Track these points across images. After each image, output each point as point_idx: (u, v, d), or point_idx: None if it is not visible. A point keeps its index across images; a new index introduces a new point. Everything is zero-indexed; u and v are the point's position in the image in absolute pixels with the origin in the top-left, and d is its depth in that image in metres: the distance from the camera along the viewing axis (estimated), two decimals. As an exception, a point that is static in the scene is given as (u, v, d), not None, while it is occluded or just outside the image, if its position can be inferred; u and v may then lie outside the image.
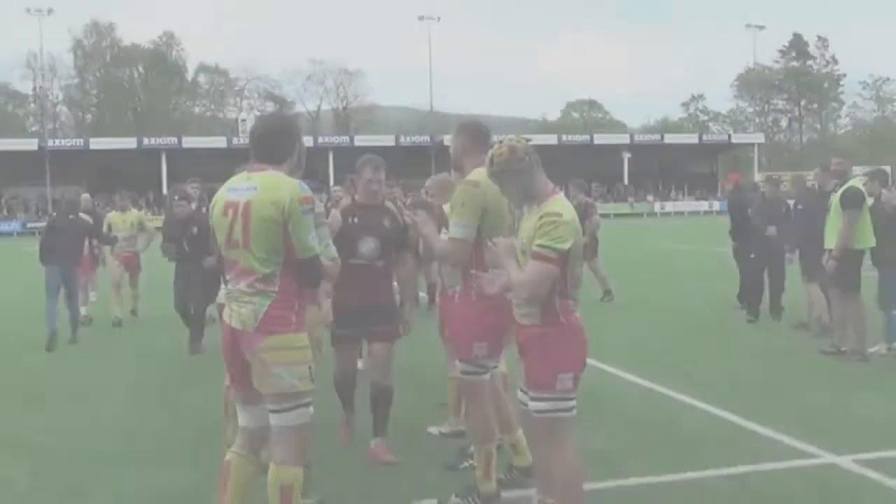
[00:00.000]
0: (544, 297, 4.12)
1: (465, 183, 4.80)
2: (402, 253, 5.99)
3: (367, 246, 5.71)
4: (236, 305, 4.03)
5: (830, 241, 9.29)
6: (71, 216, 11.79)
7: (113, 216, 13.84)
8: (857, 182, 9.51)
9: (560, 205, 4.17)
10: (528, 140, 4.40)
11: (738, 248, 12.98)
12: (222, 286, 4.18)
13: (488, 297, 4.48)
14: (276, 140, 4.22)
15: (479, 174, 4.66)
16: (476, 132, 5.12)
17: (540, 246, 4.03)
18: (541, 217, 4.11)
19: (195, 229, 9.93)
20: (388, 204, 6.06)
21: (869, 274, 9.51)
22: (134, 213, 14.06)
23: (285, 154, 4.19)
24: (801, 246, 11.02)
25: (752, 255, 12.16)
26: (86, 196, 16.05)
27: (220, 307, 4.75)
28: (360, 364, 8.01)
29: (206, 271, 9.32)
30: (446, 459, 5.84)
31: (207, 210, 4.65)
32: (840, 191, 9.34)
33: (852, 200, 9.12)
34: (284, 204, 3.92)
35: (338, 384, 6.15)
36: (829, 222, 9.44)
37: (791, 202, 11.99)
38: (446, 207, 5.57)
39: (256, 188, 4.00)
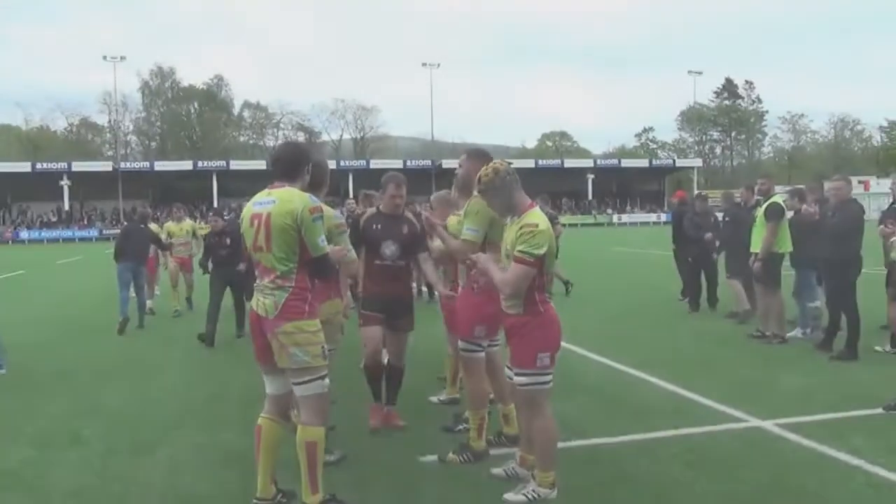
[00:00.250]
0: (525, 292, 4.15)
1: (479, 197, 4.78)
2: (421, 253, 5.77)
3: (389, 249, 5.60)
4: (261, 296, 4.08)
5: (756, 245, 9.31)
6: (141, 225, 12.00)
7: (170, 225, 13.75)
8: (778, 198, 9.55)
9: (536, 216, 4.20)
10: (509, 163, 4.45)
11: (678, 251, 13.06)
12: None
13: (484, 286, 4.51)
14: (288, 163, 4.24)
15: None
16: (482, 158, 5.10)
17: (520, 252, 4.08)
18: (520, 227, 4.14)
19: (228, 239, 10.01)
20: (408, 214, 5.87)
21: (787, 273, 9.51)
22: (188, 223, 13.94)
23: (297, 173, 4.22)
24: (727, 249, 11.10)
25: (690, 259, 12.21)
26: (143, 209, 16.16)
27: None
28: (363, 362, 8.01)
29: (240, 273, 9.74)
30: (444, 423, 5.84)
31: (239, 223, 4.69)
32: (765, 205, 9.37)
33: (775, 213, 9.16)
34: (297, 213, 3.99)
35: (368, 371, 5.86)
36: (755, 231, 9.47)
37: (720, 214, 12.06)
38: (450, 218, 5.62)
39: (275, 201, 4.06)
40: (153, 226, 13.31)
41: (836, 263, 8.12)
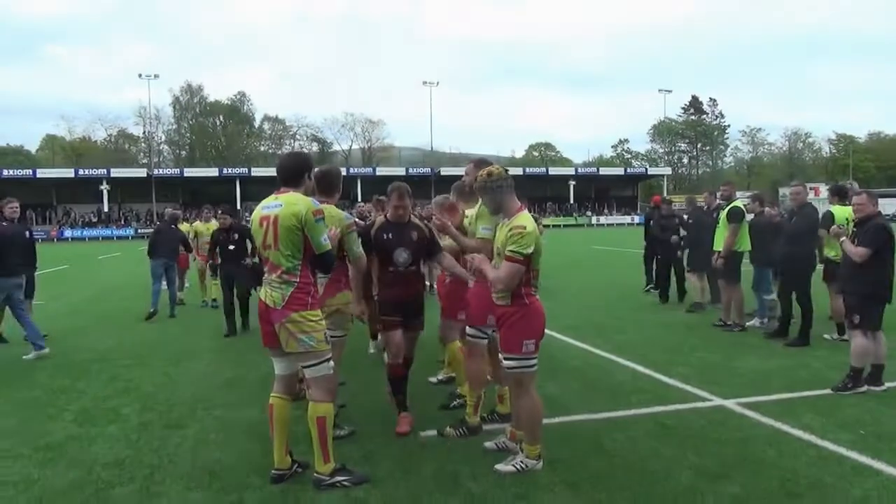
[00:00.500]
0: (514, 287, 4.16)
1: None
2: (436, 256, 5.34)
3: (402, 256, 5.17)
4: (269, 289, 4.13)
5: (719, 244, 9.32)
6: (172, 226, 11.97)
7: (198, 225, 13.63)
8: (739, 202, 9.56)
9: (525, 219, 4.22)
10: (505, 169, 4.43)
11: (647, 249, 13.20)
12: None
13: (482, 275, 4.47)
14: (290, 171, 4.26)
15: None
16: (485, 166, 5.06)
17: (511, 251, 4.10)
18: (511, 229, 4.15)
19: (236, 235, 9.75)
20: (415, 219, 5.36)
21: (746, 269, 9.51)
22: (214, 223, 13.61)
23: (299, 179, 4.25)
24: (690, 247, 11.13)
25: (658, 256, 12.29)
26: (172, 211, 16.12)
27: None
28: (371, 347, 7.97)
29: (246, 267, 9.47)
30: (442, 401, 5.84)
31: (247, 222, 4.76)
32: (727, 208, 9.37)
33: (736, 215, 9.17)
34: (302, 215, 4.05)
35: (391, 373, 5.30)
36: (717, 231, 9.47)
37: (685, 216, 12.09)
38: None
39: (282, 205, 4.11)
40: (184, 226, 13.23)
41: (795, 260, 8.10)
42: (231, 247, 9.75)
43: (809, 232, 8.05)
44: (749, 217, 9.48)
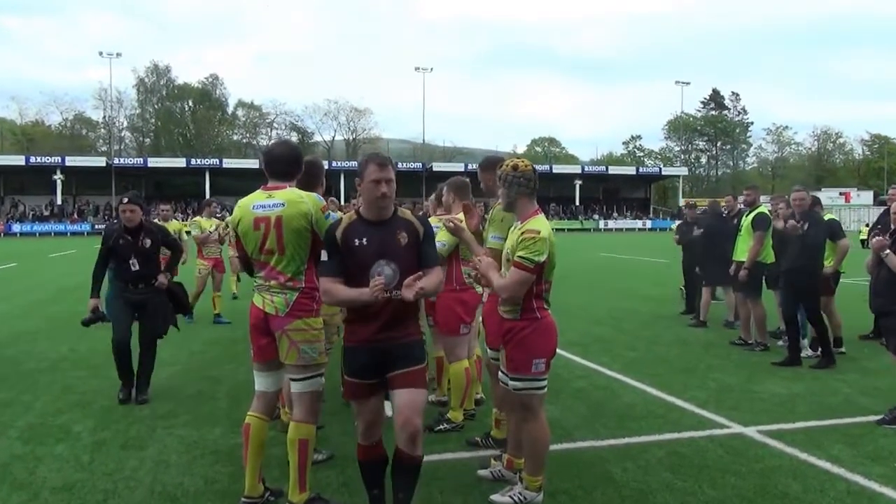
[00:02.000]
0: (523, 297, 4.11)
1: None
2: (428, 270, 5.04)
3: (384, 272, 4.89)
4: (269, 295, 4.06)
5: (741, 254, 9.32)
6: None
7: (201, 221, 12.50)
8: (764, 208, 9.56)
9: (539, 223, 4.12)
10: (533, 168, 4.35)
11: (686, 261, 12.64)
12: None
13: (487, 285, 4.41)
14: (288, 162, 4.22)
15: None
16: (493, 166, 5.03)
17: (520, 257, 4.03)
18: (522, 233, 4.09)
19: (148, 241, 6.81)
20: (404, 213, 4.86)
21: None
22: (175, 223, 12.52)
23: (296, 173, 4.22)
24: (702, 258, 11.15)
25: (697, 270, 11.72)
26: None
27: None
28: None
29: (159, 292, 6.87)
30: (426, 421, 5.79)
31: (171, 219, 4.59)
32: (752, 214, 9.35)
33: (762, 222, 9.18)
34: (311, 214, 4.03)
35: (360, 459, 4.26)
36: (739, 240, 9.49)
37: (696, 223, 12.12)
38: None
39: (283, 204, 4.03)
40: (173, 224, 11.93)
41: (802, 273, 8.09)
42: (137, 259, 6.78)
43: (816, 242, 8.08)
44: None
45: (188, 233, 12.24)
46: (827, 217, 8.82)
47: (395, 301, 3.61)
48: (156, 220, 11.66)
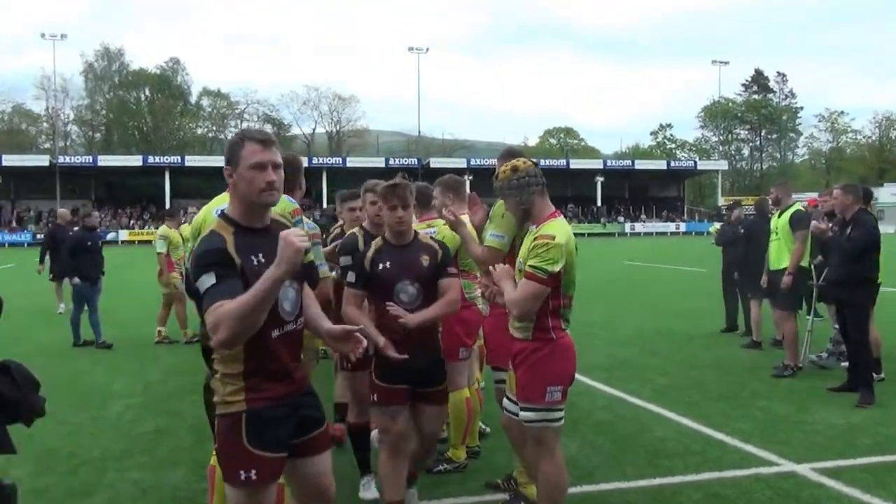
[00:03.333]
0: (537, 314, 4.10)
1: None
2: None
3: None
4: None
5: (779, 261, 9.31)
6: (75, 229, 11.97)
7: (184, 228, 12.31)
8: (799, 205, 9.61)
9: (554, 228, 4.12)
10: (534, 163, 4.36)
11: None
12: None
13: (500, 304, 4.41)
14: None
15: None
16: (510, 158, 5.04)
17: (532, 267, 4.02)
18: (535, 238, 4.10)
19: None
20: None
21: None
22: (185, 228, 12.15)
23: None
24: (742, 266, 11.15)
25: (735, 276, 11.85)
26: (63, 211, 16.08)
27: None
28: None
29: None
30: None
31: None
32: (789, 213, 9.33)
33: (802, 220, 9.17)
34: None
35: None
36: (772, 245, 9.50)
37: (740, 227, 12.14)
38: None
39: None
40: (164, 228, 12.27)
41: (849, 286, 8.04)
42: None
43: (856, 249, 7.98)
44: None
45: (159, 253, 11.96)
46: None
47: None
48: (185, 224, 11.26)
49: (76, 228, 12.24)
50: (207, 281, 2.95)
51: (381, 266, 4.51)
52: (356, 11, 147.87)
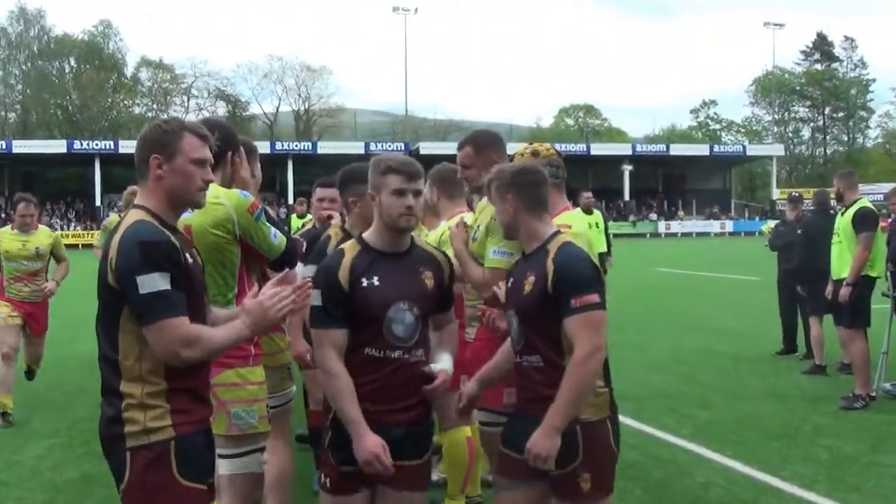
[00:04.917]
0: None
1: None
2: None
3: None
4: None
5: (840, 269, 9.28)
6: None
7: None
8: (867, 201, 9.55)
9: (569, 217, 4.23)
10: (557, 152, 4.37)
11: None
12: None
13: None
14: None
15: None
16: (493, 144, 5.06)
17: None
18: None
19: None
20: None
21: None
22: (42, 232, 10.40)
23: (218, 161, 4.14)
24: (804, 275, 11.13)
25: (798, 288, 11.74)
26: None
27: None
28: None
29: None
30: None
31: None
32: (853, 210, 9.29)
33: (867, 219, 9.15)
34: (233, 220, 4.06)
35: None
36: (833, 249, 9.46)
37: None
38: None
39: (190, 211, 3.97)
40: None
41: None
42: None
43: None
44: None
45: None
46: None
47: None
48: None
49: None
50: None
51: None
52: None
